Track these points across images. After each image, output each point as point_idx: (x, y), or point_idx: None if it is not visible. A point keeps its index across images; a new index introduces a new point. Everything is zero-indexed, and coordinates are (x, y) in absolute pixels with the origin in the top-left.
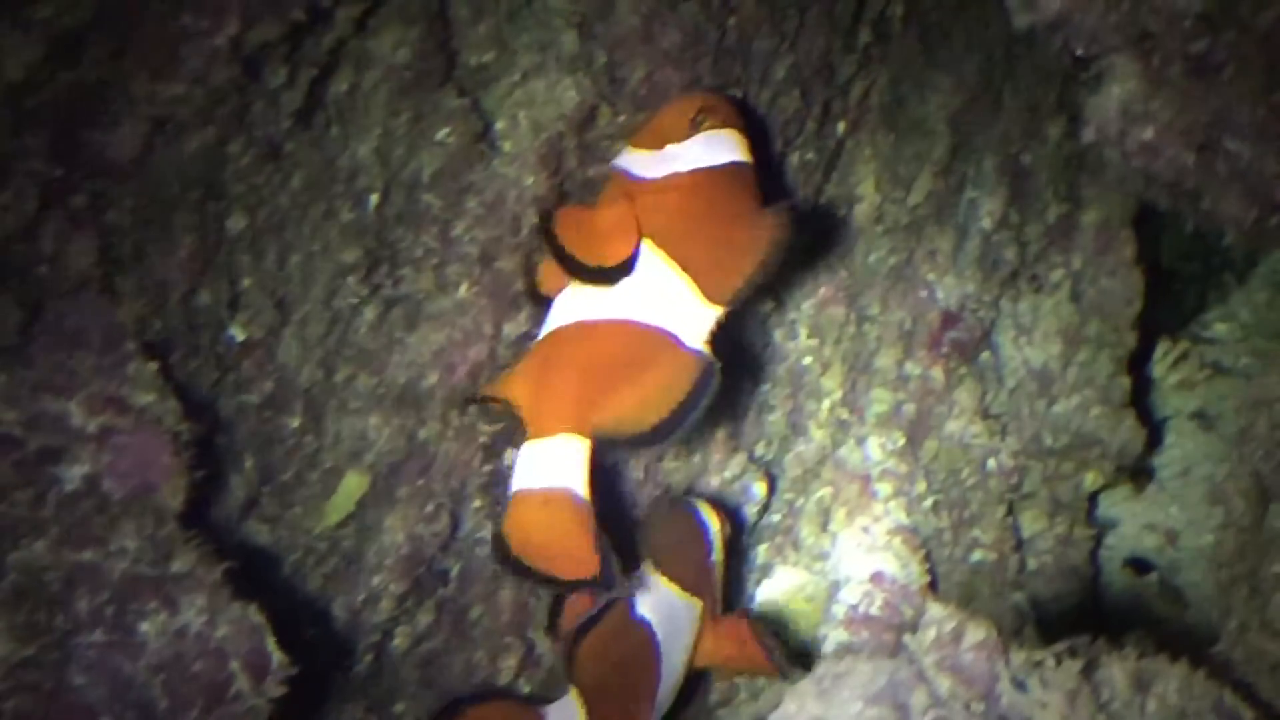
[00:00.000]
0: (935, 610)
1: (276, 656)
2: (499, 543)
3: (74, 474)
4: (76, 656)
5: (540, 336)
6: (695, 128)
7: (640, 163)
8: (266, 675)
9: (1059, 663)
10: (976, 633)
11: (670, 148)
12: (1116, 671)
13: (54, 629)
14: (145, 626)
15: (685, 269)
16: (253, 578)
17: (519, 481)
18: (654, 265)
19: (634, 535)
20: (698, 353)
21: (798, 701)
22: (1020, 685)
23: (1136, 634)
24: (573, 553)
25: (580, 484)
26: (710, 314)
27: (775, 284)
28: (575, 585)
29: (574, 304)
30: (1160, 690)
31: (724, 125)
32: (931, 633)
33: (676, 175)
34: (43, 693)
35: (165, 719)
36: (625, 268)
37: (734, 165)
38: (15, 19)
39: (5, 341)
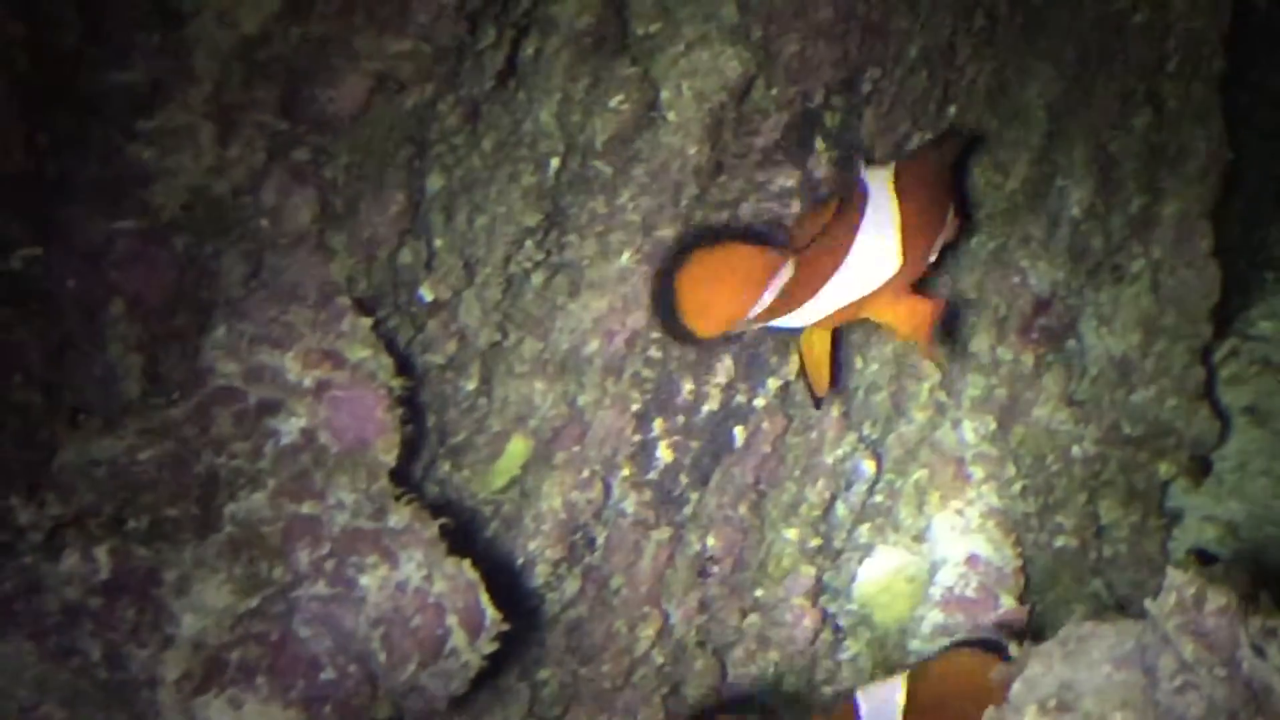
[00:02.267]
0: (1176, 575)
1: (490, 613)
2: None
3: (291, 427)
4: (300, 609)
5: None
6: None
7: None
8: (481, 631)
9: None
10: (1218, 598)
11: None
12: None
13: (276, 581)
14: (365, 580)
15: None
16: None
17: None
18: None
19: None
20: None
21: (1044, 663)
22: (1260, 651)
23: None
24: None
25: None
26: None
27: None
28: None
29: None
30: None
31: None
32: (1173, 597)
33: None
34: (269, 644)
35: (384, 672)
36: None
37: None
38: None
39: (228, 294)
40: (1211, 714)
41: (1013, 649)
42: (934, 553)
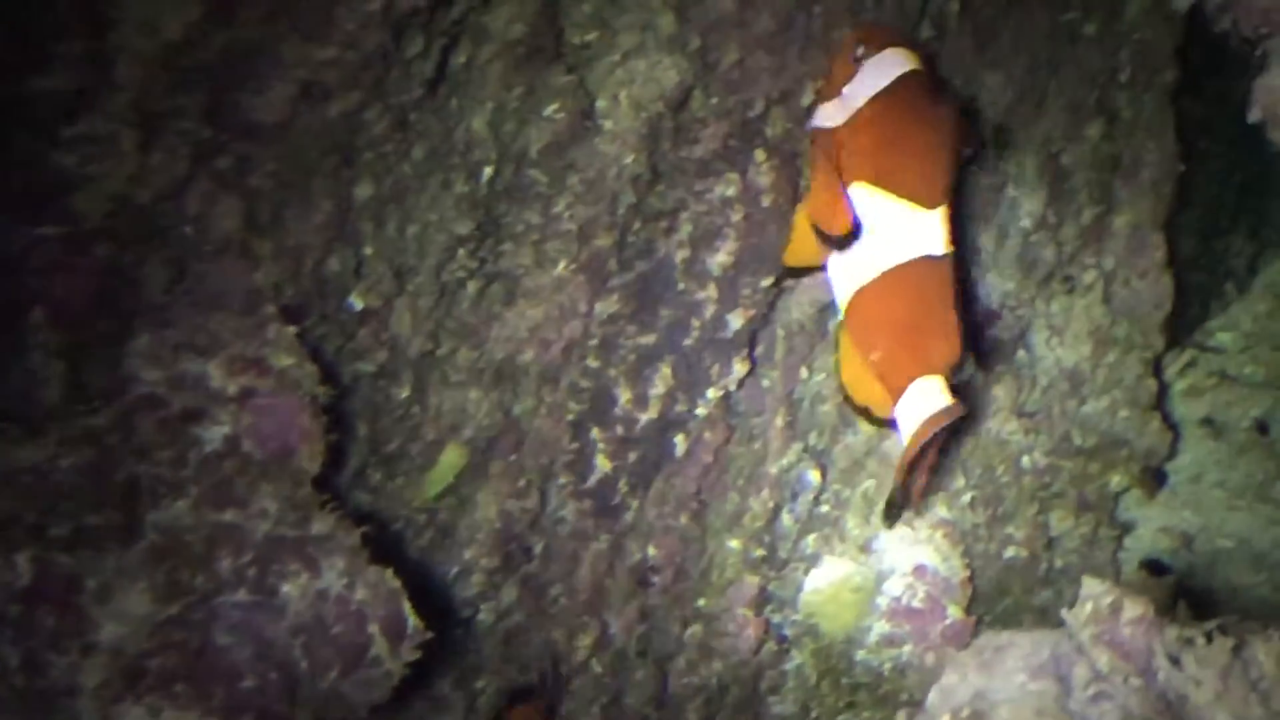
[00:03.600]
0: (1092, 585)
1: (412, 621)
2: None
3: (215, 434)
4: (221, 616)
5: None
6: (859, 62)
7: (827, 114)
8: (403, 639)
9: (1210, 640)
10: (1134, 608)
11: (846, 89)
12: (1262, 652)
13: (197, 589)
14: (287, 588)
15: (900, 193)
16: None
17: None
18: (877, 205)
19: None
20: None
21: (959, 672)
22: (1175, 661)
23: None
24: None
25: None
26: (936, 215)
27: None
28: None
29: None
30: None
31: (883, 46)
32: (1089, 607)
33: (858, 112)
34: (189, 651)
35: (305, 680)
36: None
37: (903, 77)
38: None
39: (151, 301)
40: None
41: None
42: (881, 563)
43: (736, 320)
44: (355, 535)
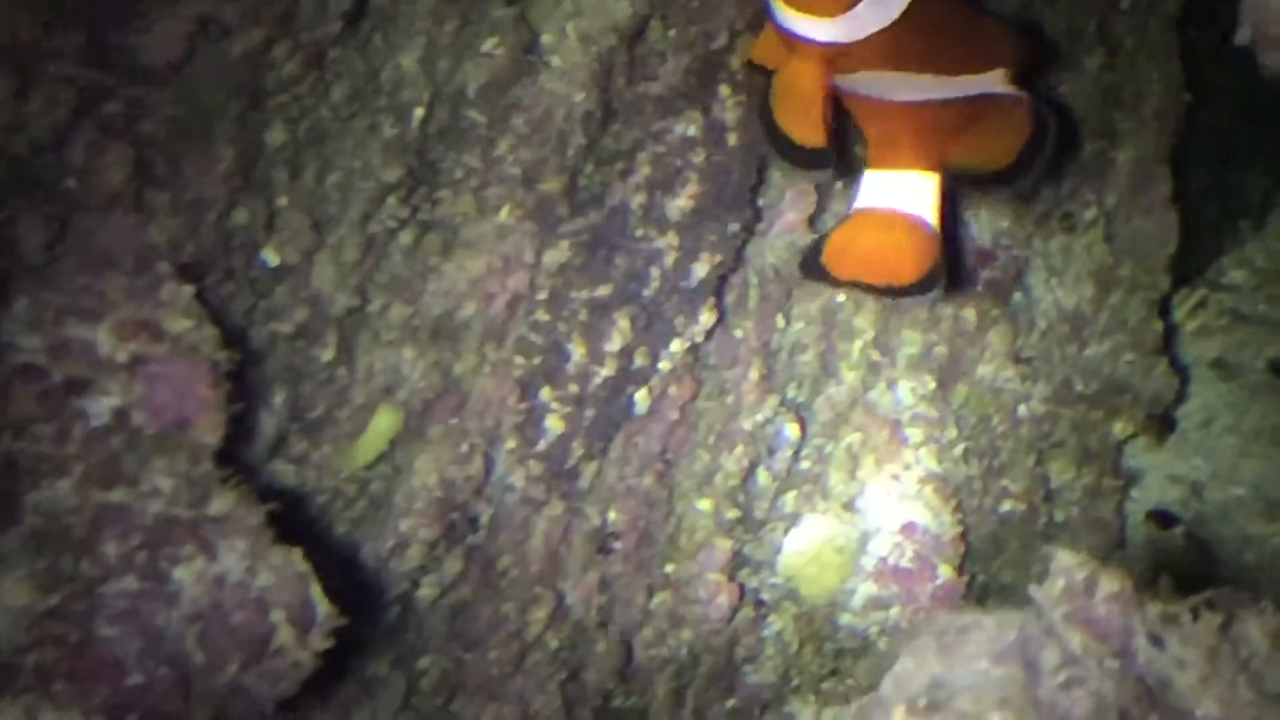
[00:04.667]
0: (1065, 558)
1: (322, 607)
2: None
3: (102, 407)
4: (104, 606)
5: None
6: None
7: (832, 30)
8: (312, 627)
9: (1196, 617)
10: (1110, 584)
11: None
12: (1254, 628)
13: (80, 576)
14: (180, 574)
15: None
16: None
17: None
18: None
19: None
20: (1032, 102)
21: (916, 659)
22: (1157, 641)
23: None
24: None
25: (931, 213)
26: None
27: None
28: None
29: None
30: None
31: None
32: (1060, 583)
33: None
34: (68, 646)
35: (201, 675)
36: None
37: None
38: None
39: (29, 262)
40: (1100, 712)
41: None
42: (866, 521)
43: (701, 268)
44: (259, 514)
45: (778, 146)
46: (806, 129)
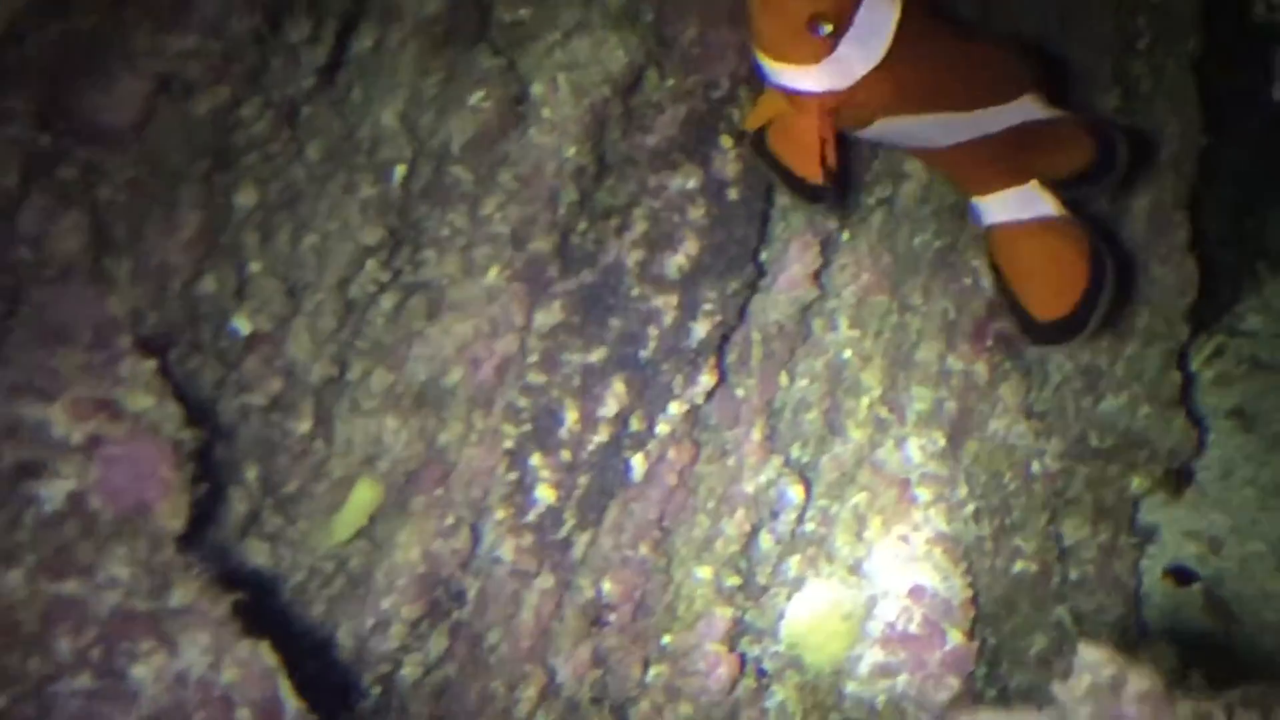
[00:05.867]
0: (1089, 654)
1: (291, 703)
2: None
3: (56, 491)
4: (56, 707)
5: None
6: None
7: (820, 78)
8: None
9: (1230, 715)
10: (1139, 681)
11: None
12: None
13: (29, 675)
14: (138, 671)
15: None
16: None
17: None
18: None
19: None
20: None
21: None
22: None
23: None
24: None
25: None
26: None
27: None
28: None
29: None
30: None
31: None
32: (1086, 680)
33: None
34: None
35: None
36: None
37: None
38: None
39: None
40: None
41: None
42: (873, 585)
43: (701, 327)
44: (224, 604)
45: (778, 176)
46: (807, 170)
